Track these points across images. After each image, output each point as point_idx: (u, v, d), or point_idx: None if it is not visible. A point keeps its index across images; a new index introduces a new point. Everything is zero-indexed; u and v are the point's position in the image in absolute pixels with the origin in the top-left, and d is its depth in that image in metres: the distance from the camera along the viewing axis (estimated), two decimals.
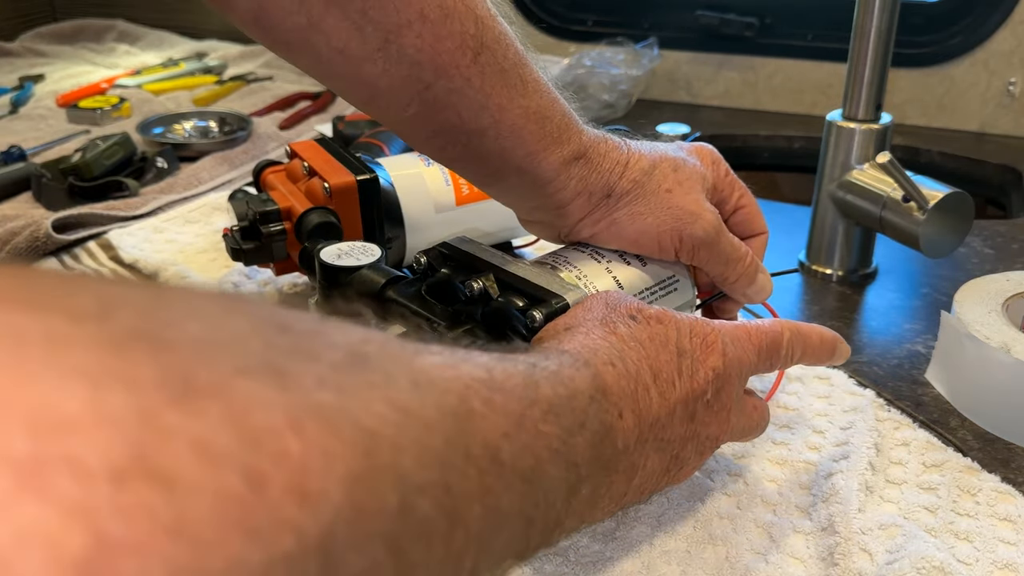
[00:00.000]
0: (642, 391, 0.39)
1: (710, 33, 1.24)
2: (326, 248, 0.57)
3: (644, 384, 0.39)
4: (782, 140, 1.17)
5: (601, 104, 1.21)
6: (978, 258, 0.80)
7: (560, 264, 0.54)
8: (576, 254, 0.55)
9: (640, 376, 0.39)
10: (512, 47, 0.49)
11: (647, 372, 0.40)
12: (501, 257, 0.51)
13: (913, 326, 0.69)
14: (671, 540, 0.48)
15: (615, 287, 0.53)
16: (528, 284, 0.47)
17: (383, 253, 0.56)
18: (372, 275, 0.53)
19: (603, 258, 0.55)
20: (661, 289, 0.55)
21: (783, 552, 0.47)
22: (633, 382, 0.39)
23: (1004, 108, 1.11)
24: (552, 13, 1.34)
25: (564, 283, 0.47)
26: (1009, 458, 0.54)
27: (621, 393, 0.38)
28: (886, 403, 0.59)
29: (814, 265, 0.78)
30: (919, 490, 0.51)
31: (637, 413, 0.39)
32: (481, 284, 0.47)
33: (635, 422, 0.38)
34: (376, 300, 0.52)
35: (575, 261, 0.54)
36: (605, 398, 0.37)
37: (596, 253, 0.55)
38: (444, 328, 0.47)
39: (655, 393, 0.40)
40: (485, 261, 0.50)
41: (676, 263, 0.56)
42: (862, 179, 0.72)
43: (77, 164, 0.92)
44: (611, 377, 0.38)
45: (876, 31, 0.69)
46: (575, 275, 0.53)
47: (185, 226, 0.87)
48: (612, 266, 0.54)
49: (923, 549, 0.45)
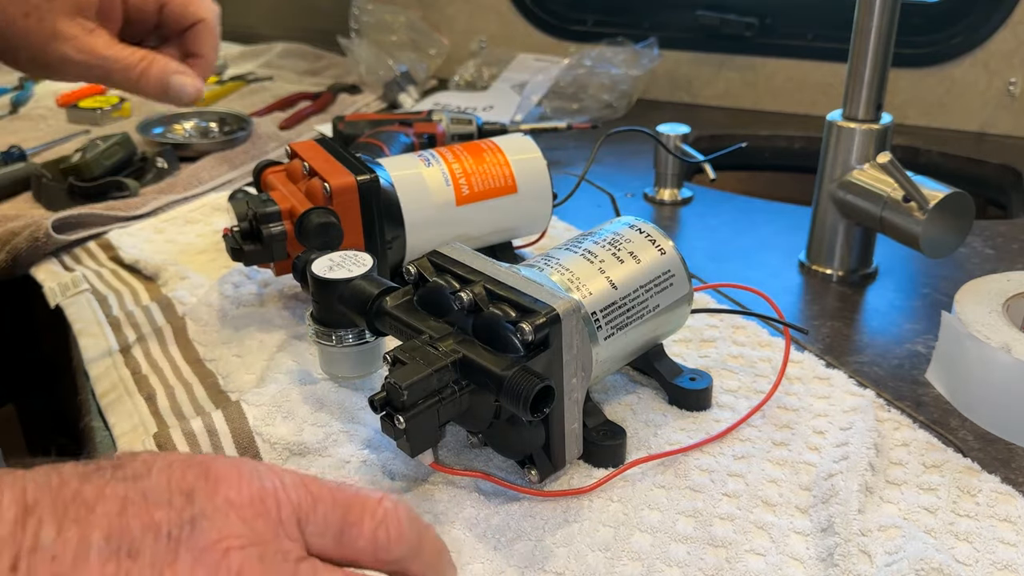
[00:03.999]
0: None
1: (710, 33, 1.23)
2: (318, 260, 0.57)
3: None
4: (782, 140, 1.17)
5: (601, 104, 1.21)
6: (978, 258, 0.80)
7: (552, 267, 0.54)
8: (568, 256, 0.55)
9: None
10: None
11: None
12: (491, 264, 0.51)
13: (913, 326, 0.69)
14: (672, 542, 0.48)
15: (608, 287, 0.53)
16: (517, 294, 0.47)
17: (375, 262, 0.57)
18: (364, 286, 0.53)
19: (596, 258, 0.55)
20: (656, 285, 0.56)
21: (783, 553, 0.47)
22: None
23: (1004, 108, 1.11)
24: (552, 13, 1.34)
25: (554, 292, 0.48)
26: (1009, 458, 0.54)
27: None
28: (886, 403, 0.59)
29: (814, 265, 0.78)
30: (919, 491, 0.51)
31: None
32: (471, 295, 0.47)
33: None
34: (368, 312, 0.52)
35: (567, 263, 0.54)
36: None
37: (589, 254, 0.55)
38: (435, 340, 0.47)
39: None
40: (475, 270, 0.50)
41: (671, 258, 0.56)
42: (862, 179, 0.72)
43: (77, 164, 0.92)
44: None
45: (876, 31, 0.69)
46: (567, 278, 0.53)
47: (185, 226, 0.87)
48: (605, 266, 0.54)
49: (923, 550, 0.45)
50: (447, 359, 0.45)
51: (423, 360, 0.45)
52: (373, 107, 1.26)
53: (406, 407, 0.44)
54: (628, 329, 0.54)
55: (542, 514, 0.49)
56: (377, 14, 1.36)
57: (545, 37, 1.34)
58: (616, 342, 0.54)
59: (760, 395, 0.59)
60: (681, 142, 0.92)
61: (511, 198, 0.72)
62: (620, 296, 0.54)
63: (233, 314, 0.70)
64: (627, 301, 0.54)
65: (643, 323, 0.55)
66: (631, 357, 0.58)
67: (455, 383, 0.46)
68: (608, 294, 0.53)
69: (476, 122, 1.01)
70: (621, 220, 0.59)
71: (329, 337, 0.58)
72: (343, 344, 0.58)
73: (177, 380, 0.63)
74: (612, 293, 0.54)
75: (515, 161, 0.73)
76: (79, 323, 0.71)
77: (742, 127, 1.19)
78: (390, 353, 0.47)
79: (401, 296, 0.52)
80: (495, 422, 0.48)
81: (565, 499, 0.50)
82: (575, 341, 0.47)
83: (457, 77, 1.34)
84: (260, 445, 0.54)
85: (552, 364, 0.47)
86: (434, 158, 0.72)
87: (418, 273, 0.51)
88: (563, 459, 0.50)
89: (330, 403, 0.58)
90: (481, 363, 0.45)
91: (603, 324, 0.53)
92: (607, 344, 0.53)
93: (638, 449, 0.55)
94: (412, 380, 0.44)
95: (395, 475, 0.52)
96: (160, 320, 0.70)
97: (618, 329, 0.53)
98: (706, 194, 0.97)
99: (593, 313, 0.52)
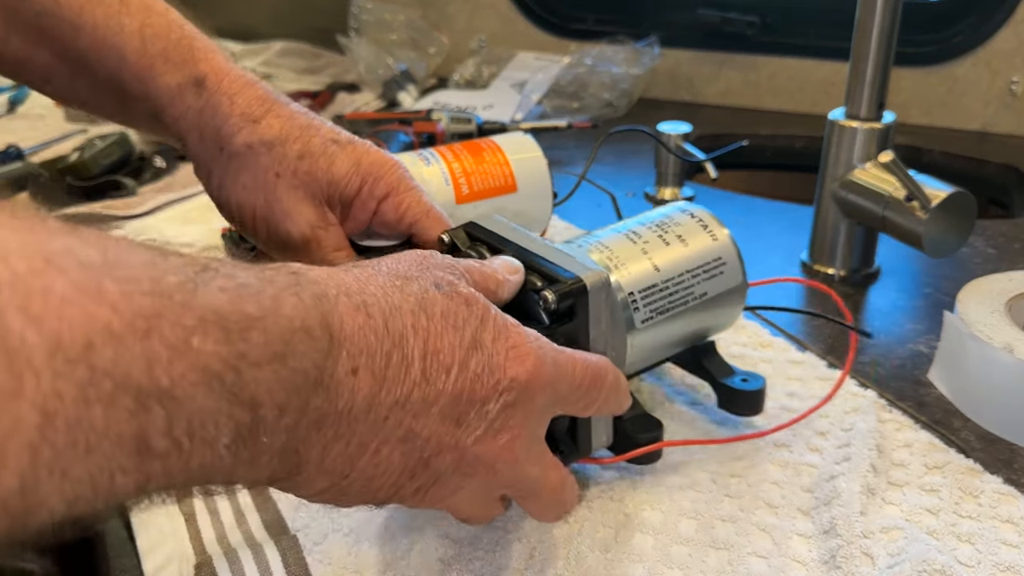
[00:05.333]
0: (398, 359, 0.33)
1: (711, 32, 1.23)
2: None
3: (405, 354, 0.33)
4: (784, 139, 1.17)
5: (602, 103, 1.21)
6: (981, 258, 0.80)
7: (592, 245, 0.52)
8: (612, 235, 0.53)
9: (403, 342, 0.33)
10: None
11: (416, 343, 0.33)
12: (527, 237, 0.48)
13: (915, 326, 0.69)
14: (673, 544, 0.47)
15: (652, 270, 0.51)
16: (547, 264, 0.45)
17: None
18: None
19: (640, 239, 0.52)
20: (704, 272, 0.53)
21: (785, 555, 0.46)
22: (388, 343, 0.32)
23: (1006, 107, 1.11)
24: (553, 12, 1.34)
25: (585, 264, 0.45)
26: (1012, 459, 0.54)
27: (362, 346, 0.31)
28: (888, 404, 0.58)
29: (816, 265, 0.78)
30: (921, 492, 0.51)
31: (379, 380, 0.32)
32: None
33: (372, 388, 0.32)
34: None
35: (608, 242, 0.52)
36: (331, 340, 0.30)
37: (633, 234, 0.53)
38: None
39: (418, 370, 0.33)
40: (508, 240, 0.48)
41: (723, 245, 0.54)
42: (864, 178, 0.72)
43: (75, 163, 0.92)
44: (353, 323, 0.31)
45: (878, 30, 0.69)
46: (606, 256, 0.51)
47: (183, 225, 0.87)
48: (649, 247, 0.52)
49: (925, 552, 0.45)
50: None
51: None
52: (372, 106, 1.26)
53: None
54: (669, 315, 0.51)
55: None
56: (376, 12, 1.36)
57: (545, 35, 1.34)
58: (656, 328, 0.51)
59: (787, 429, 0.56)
60: (682, 141, 0.92)
61: (511, 197, 0.72)
62: (663, 279, 0.51)
63: None
64: (670, 285, 0.51)
65: (687, 310, 0.52)
66: (675, 348, 0.55)
67: None
68: (649, 275, 0.51)
69: (476, 121, 1.00)
70: (675, 204, 0.56)
71: None
72: None
73: None
74: (653, 275, 0.51)
75: (515, 160, 0.72)
76: None
77: (743, 126, 1.19)
78: None
79: None
80: None
81: None
82: (603, 316, 0.45)
83: (457, 76, 1.33)
84: None
85: (577, 337, 0.45)
86: (434, 157, 0.71)
87: (451, 242, 0.49)
88: (588, 445, 0.48)
89: None
90: None
91: (641, 306, 0.50)
92: (645, 329, 0.50)
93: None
94: None
95: None
96: None
97: (658, 314, 0.51)
98: (708, 193, 0.96)
99: (631, 294, 0.50)
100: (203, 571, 0.46)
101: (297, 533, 0.48)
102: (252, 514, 0.50)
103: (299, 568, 0.46)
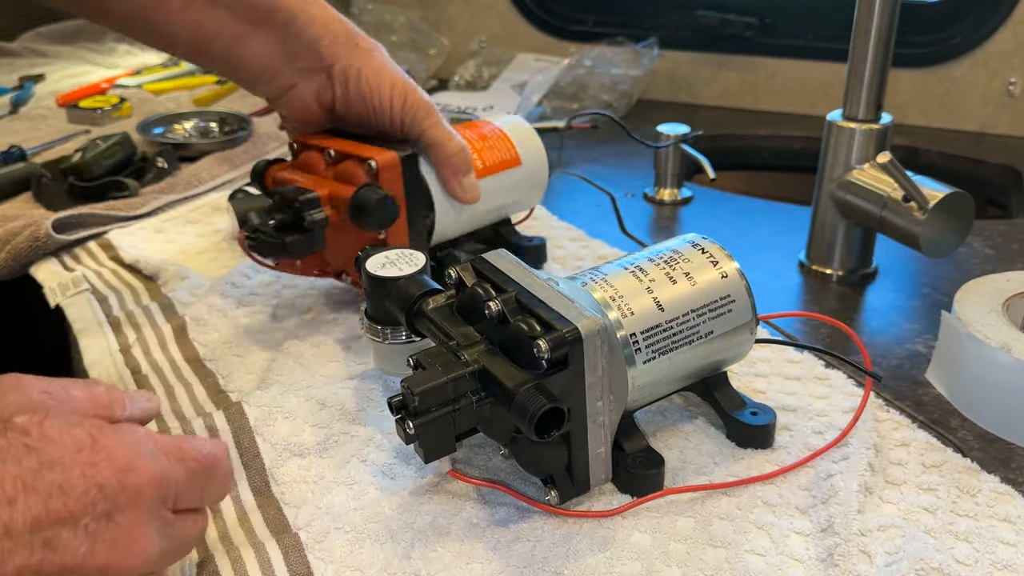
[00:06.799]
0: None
1: (710, 33, 1.23)
2: (373, 256, 0.57)
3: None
4: (782, 140, 1.17)
5: (601, 104, 1.21)
6: (978, 258, 0.80)
7: (596, 282, 0.51)
8: (617, 271, 0.52)
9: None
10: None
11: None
12: (530, 276, 0.49)
13: (913, 326, 0.69)
14: (671, 542, 0.48)
15: (653, 308, 0.50)
16: (545, 308, 0.46)
17: (426, 262, 0.57)
18: (409, 287, 0.53)
19: (645, 276, 0.51)
20: (711, 311, 0.51)
21: (783, 554, 0.47)
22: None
23: (1004, 108, 1.11)
24: (552, 13, 1.34)
25: (582, 311, 0.46)
26: (1009, 458, 0.54)
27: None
28: (886, 403, 0.59)
29: (814, 265, 0.78)
30: (918, 491, 0.51)
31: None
32: (499, 305, 0.46)
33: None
34: (409, 312, 0.52)
35: (613, 279, 0.51)
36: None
37: (639, 271, 0.52)
38: (460, 348, 0.47)
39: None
40: (512, 279, 0.49)
41: (732, 282, 0.52)
42: (862, 179, 0.72)
43: (77, 164, 0.92)
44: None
45: (876, 31, 0.69)
46: (609, 295, 0.50)
47: (185, 226, 0.87)
48: (654, 285, 0.51)
49: (922, 550, 0.45)
50: (466, 368, 0.45)
51: (443, 367, 0.45)
52: None
53: (418, 413, 0.44)
54: (673, 354, 0.50)
55: (540, 515, 0.49)
56: (377, 14, 1.36)
57: (545, 37, 1.34)
58: (659, 366, 0.50)
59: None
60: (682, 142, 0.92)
61: (518, 170, 0.74)
62: (667, 319, 0.50)
63: (233, 314, 0.70)
64: (674, 325, 0.50)
65: (692, 349, 0.51)
66: (681, 383, 0.54)
67: (473, 393, 0.45)
68: (651, 315, 0.50)
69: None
70: (685, 237, 0.55)
71: (378, 333, 0.58)
72: (391, 340, 0.58)
73: (177, 380, 0.63)
74: (656, 315, 0.50)
75: (513, 134, 0.75)
76: (79, 323, 0.71)
77: (742, 127, 1.19)
78: (413, 356, 0.46)
79: (443, 300, 0.51)
80: (517, 436, 0.47)
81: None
82: (600, 363, 0.46)
83: (457, 77, 1.34)
84: (260, 445, 0.54)
85: (572, 385, 0.45)
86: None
87: (458, 278, 0.51)
88: (587, 483, 0.49)
89: (331, 404, 0.58)
90: (498, 376, 0.44)
91: (643, 347, 0.49)
92: (647, 368, 0.49)
93: (673, 478, 0.52)
94: (425, 387, 0.44)
95: (395, 475, 0.52)
96: (160, 320, 0.70)
97: (660, 353, 0.50)
98: (706, 194, 0.97)
99: (632, 335, 0.49)
100: (206, 569, 0.46)
101: (299, 531, 0.48)
102: (254, 512, 0.51)
103: (301, 566, 0.46)
